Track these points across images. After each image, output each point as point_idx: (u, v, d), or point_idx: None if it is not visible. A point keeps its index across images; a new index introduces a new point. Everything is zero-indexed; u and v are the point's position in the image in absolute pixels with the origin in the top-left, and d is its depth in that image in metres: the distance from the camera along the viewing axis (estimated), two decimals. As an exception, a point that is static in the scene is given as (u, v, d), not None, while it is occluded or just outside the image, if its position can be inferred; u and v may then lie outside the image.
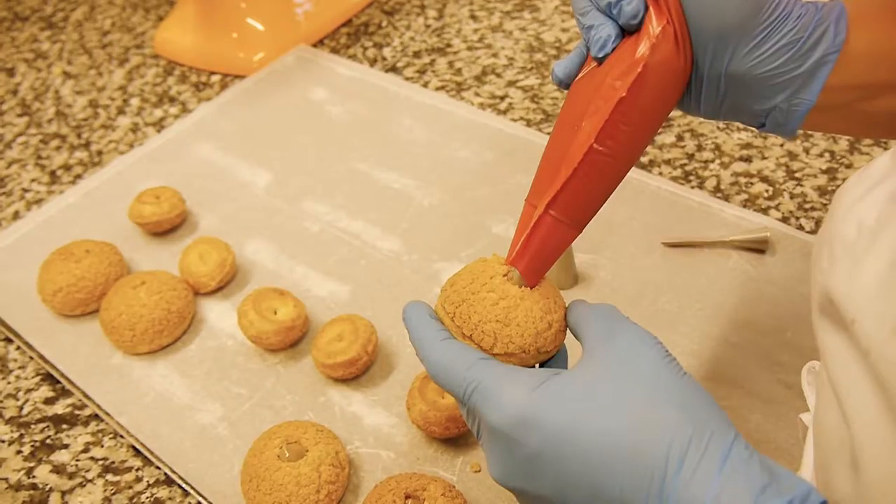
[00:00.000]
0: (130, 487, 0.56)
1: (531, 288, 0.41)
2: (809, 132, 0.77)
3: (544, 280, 0.42)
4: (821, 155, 0.75)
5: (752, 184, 0.73)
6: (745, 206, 0.70)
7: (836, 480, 0.35)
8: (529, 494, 0.36)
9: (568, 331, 0.41)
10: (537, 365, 0.42)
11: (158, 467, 0.56)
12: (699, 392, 0.34)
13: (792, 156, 0.75)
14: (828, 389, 0.35)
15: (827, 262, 0.34)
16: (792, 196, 0.71)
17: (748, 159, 0.75)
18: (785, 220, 0.69)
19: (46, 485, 0.56)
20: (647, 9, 0.40)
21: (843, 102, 0.42)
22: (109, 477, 0.56)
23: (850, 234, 0.33)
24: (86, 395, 0.61)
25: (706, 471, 0.31)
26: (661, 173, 0.75)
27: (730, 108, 0.44)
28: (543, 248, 0.41)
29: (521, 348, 0.39)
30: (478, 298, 0.40)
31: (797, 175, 0.73)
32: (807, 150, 0.76)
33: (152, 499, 0.55)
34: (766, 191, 0.72)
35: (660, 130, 0.79)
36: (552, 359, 0.42)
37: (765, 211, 0.70)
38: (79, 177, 0.83)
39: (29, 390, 0.63)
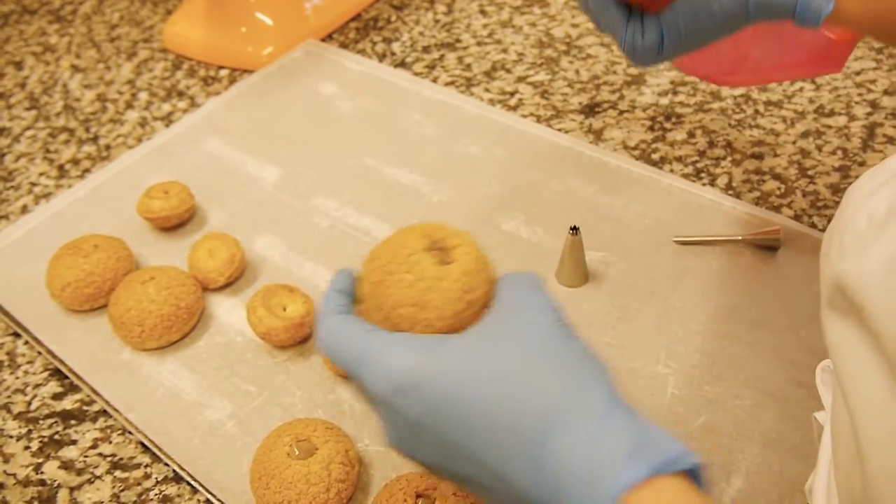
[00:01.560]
0: (139, 484, 0.55)
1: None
2: (821, 130, 0.77)
3: (471, 255, 0.40)
4: (833, 153, 0.74)
5: (763, 181, 0.72)
6: (756, 204, 0.70)
7: (848, 477, 0.35)
8: (423, 462, 0.36)
9: None
10: None
11: (167, 464, 0.56)
12: (584, 358, 0.34)
13: (804, 153, 0.75)
14: (838, 384, 0.35)
15: (837, 254, 0.34)
16: (804, 194, 0.71)
17: (760, 157, 0.75)
18: (797, 217, 0.68)
19: (55, 481, 0.56)
20: None
21: None
22: (118, 473, 0.56)
23: (860, 226, 0.33)
24: (94, 391, 0.60)
25: (581, 437, 0.31)
26: (672, 170, 0.74)
27: None
28: None
29: (438, 331, 0.38)
30: (394, 280, 0.38)
31: (809, 173, 0.73)
32: (819, 148, 0.75)
33: (161, 496, 0.54)
34: (779, 188, 0.71)
35: (670, 127, 0.78)
36: None
37: (777, 209, 0.69)
38: (87, 171, 0.82)
39: (37, 385, 0.63)
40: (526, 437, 0.32)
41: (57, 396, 0.62)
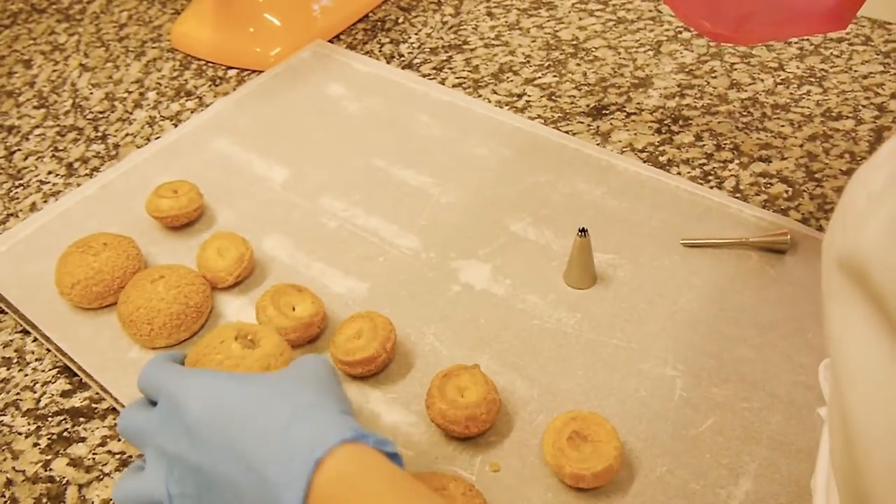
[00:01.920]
0: (148, 482, 0.56)
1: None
2: (828, 134, 0.77)
3: (272, 342, 0.52)
4: (840, 156, 0.75)
5: (771, 184, 0.72)
6: (764, 207, 0.70)
7: (846, 472, 0.35)
8: (192, 466, 0.42)
9: None
10: None
11: (176, 462, 0.56)
12: (337, 386, 0.46)
13: (812, 156, 0.75)
14: (835, 378, 0.35)
15: (840, 236, 0.34)
16: (812, 197, 0.71)
17: (767, 160, 0.75)
18: (805, 221, 0.69)
19: (63, 478, 0.56)
20: None
21: None
22: (127, 471, 0.56)
23: (861, 204, 0.33)
24: (103, 389, 0.60)
25: (315, 423, 0.41)
26: (679, 173, 0.74)
27: None
28: None
29: None
30: (208, 360, 0.50)
31: (817, 176, 0.73)
32: (826, 151, 0.75)
33: (170, 493, 0.55)
34: (786, 191, 0.71)
35: (678, 129, 0.79)
36: None
37: (784, 212, 0.70)
38: (96, 170, 0.83)
39: (46, 383, 0.63)
40: (279, 426, 0.40)
41: (66, 394, 0.62)
